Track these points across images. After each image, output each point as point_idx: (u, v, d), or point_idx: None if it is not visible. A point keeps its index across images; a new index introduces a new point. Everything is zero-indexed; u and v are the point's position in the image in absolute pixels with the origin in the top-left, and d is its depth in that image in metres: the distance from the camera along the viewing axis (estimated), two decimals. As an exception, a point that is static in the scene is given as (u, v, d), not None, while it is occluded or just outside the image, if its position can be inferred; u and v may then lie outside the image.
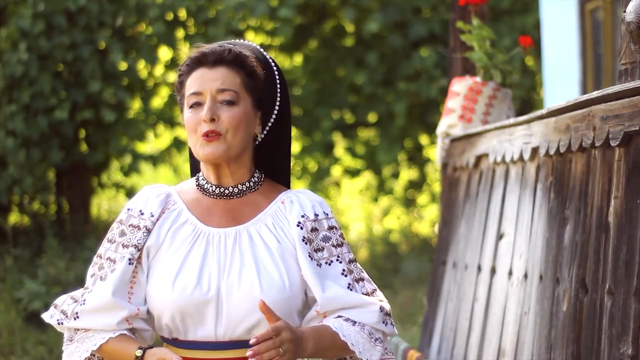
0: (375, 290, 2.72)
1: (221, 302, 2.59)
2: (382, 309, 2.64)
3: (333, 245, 2.67)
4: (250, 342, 2.44)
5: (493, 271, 4.64)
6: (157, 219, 2.68)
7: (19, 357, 7.12)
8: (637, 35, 3.08)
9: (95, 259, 2.70)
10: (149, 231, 2.66)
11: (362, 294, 2.66)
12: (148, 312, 2.68)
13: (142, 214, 2.68)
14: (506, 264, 4.44)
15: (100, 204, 12.76)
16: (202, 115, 2.61)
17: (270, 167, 2.77)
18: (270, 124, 2.75)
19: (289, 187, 2.79)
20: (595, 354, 3.32)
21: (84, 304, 2.63)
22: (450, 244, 5.50)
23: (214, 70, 2.64)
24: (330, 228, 2.69)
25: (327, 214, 2.71)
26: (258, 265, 2.61)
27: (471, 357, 4.77)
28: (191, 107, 2.64)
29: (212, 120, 2.61)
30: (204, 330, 2.61)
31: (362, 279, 2.69)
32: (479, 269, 4.86)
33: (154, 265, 2.65)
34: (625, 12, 3.13)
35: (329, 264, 2.65)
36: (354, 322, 2.62)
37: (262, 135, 2.74)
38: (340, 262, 2.66)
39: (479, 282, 4.82)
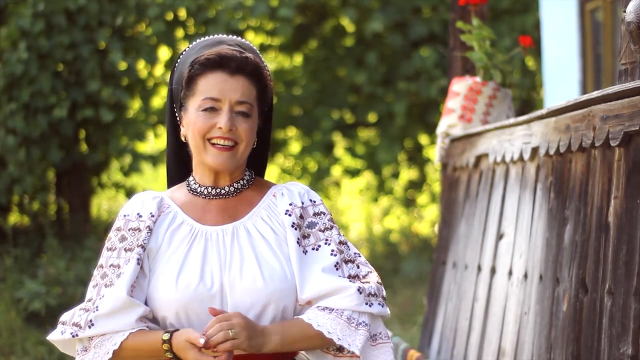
0: (370, 273, 2.71)
1: (225, 296, 2.62)
2: (361, 290, 2.62)
3: (320, 230, 2.71)
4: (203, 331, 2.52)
5: (493, 271, 4.64)
6: (156, 220, 2.70)
7: (19, 357, 7.12)
8: (637, 35, 3.08)
9: (95, 271, 2.69)
10: (151, 230, 2.68)
11: (348, 276, 2.66)
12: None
13: (140, 216, 2.70)
14: (506, 264, 4.44)
15: (100, 204, 12.75)
16: (216, 122, 2.64)
17: (251, 162, 2.80)
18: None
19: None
20: (595, 354, 3.32)
21: (97, 310, 2.61)
22: (450, 244, 5.49)
23: (235, 79, 2.66)
24: (317, 214, 2.73)
25: (315, 202, 2.75)
26: (258, 257, 2.65)
27: (471, 357, 4.77)
28: (204, 110, 2.66)
29: (230, 130, 2.64)
30: None
31: (353, 261, 2.70)
32: (479, 269, 4.86)
33: (154, 267, 2.67)
34: (625, 12, 3.13)
35: (317, 249, 2.68)
36: (331, 310, 2.62)
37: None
38: (329, 244, 2.69)
39: (479, 282, 4.82)
